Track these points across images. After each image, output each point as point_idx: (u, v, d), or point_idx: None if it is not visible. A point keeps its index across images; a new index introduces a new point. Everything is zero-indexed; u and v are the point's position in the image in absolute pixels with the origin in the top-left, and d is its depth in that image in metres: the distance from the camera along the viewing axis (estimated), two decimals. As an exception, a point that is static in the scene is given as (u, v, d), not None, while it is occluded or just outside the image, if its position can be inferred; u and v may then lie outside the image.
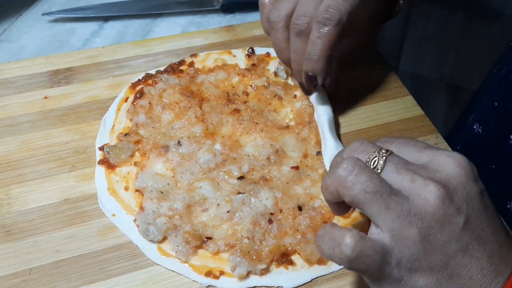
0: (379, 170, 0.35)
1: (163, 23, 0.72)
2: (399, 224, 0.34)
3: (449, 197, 0.34)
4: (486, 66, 0.84)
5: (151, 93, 0.56)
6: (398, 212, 0.34)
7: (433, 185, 0.34)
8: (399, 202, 0.34)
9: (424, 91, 1.87)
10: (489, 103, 0.71)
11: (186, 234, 0.45)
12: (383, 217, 0.34)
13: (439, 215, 0.33)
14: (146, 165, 0.51)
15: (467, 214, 0.34)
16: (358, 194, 0.34)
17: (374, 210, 0.34)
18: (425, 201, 0.34)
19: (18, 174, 0.50)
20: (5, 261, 0.44)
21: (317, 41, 0.48)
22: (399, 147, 0.38)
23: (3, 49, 0.66)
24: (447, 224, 0.34)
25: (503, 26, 2.27)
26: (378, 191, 0.34)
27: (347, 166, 0.35)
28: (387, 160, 0.36)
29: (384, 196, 0.34)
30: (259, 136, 0.54)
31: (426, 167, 0.35)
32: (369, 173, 0.34)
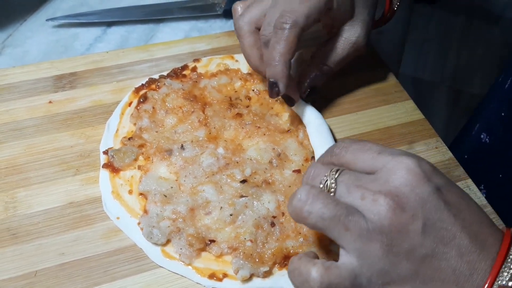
0: (332, 192, 0.36)
1: (166, 28, 0.72)
2: (361, 242, 0.34)
3: (400, 207, 0.34)
4: (487, 69, 0.84)
5: (155, 98, 0.57)
6: (357, 232, 0.34)
7: (382, 199, 0.34)
8: (356, 222, 0.34)
9: (424, 95, 1.88)
10: (496, 113, 0.71)
11: (190, 237, 0.46)
12: (345, 239, 0.35)
13: (395, 226, 0.34)
14: (150, 168, 0.51)
15: (423, 217, 0.34)
16: (316, 222, 0.35)
17: (335, 234, 0.35)
18: (378, 216, 0.34)
19: (23, 178, 0.51)
20: (11, 263, 0.45)
21: (274, 45, 0.48)
22: (353, 155, 0.38)
23: (8, 54, 0.67)
24: (405, 233, 0.34)
25: (503, 29, 2.27)
26: (335, 216, 0.35)
27: (301, 196, 0.36)
28: (338, 181, 0.36)
29: (341, 219, 0.35)
30: (261, 140, 0.54)
31: (376, 178, 0.35)
32: (323, 199, 0.35)
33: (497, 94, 0.73)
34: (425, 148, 0.56)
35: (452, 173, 0.54)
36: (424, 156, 0.55)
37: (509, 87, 0.69)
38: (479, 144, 0.73)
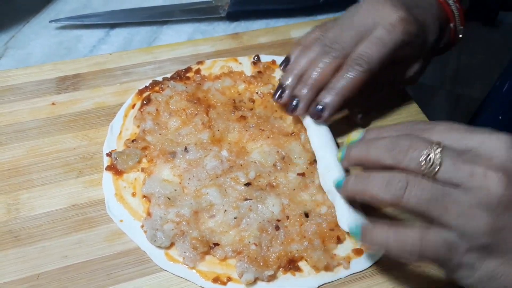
0: (436, 169, 0.36)
1: (169, 31, 0.72)
2: (462, 220, 0.35)
3: (511, 182, 0.34)
4: (487, 74, 0.84)
5: (158, 100, 0.57)
6: (458, 209, 0.35)
7: (493, 175, 0.34)
8: (456, 200, 0.35)
9: (425, 98, 1.88)
10: (494, 116, 0.71)
11: (194, 240, 0.46)
12: (445, 218, 0.35)
13: (505, 201, 0.34)
14: (153, 171, 0.51)
15: None
16: (415, 207, 0.36)
17: (434, 215, 0.36)
18: (488, 192, 0.34)
19: (26, 180, 0.51)
20: (14, 266, 0.45)
21: (342, 79, 0.50)
22: (442, 135, 0.38)
23: (11, 56, 0.67)
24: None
25: (503, 34, 2.28)
26: (432, 198, 0.35)
27: (401, 184, 0.37)
28: (443, 156, 0.36)
29: (439, 200, 0.35)
30: (265, 143, 0.54)
31: (479, 153, 0.36)
32: (420, 183, 0.36)
33: (495, 97, 0.73)
34: (429, 152, 0.56)
35: (457, 177, 0.54)
36: (428, 159, 0.55)
37: (506, 90, 0.69)
38: None
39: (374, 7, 0.52)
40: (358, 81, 0.50)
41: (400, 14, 0.50)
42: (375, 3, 0.52)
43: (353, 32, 0.51)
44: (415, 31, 0.51)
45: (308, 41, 0.55)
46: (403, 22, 0.50)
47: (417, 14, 0.52)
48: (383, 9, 0.51)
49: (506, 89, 0.69)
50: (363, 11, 0.52)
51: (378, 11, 0.51)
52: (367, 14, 0.51)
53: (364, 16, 0.52)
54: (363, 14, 0.52)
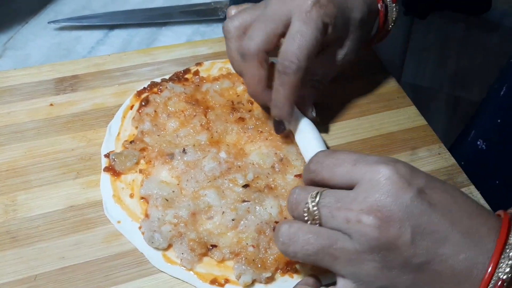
0: (317, 221, 0.36)
1: (168, 32, 0.72)
2: (353, 267, 0.34)
3: (385, 222, 0.33)
4: (486, 77, 0.84)
5: (157, 101, 0.57)
6: (346, 257, 0.34)
7: (365, 218, 0.34)
8: (343, 248, 0.34)
9: (424, 101, 1.88)
10: (492, 120, 0.71)
11: (191, 241, 0.45)
12: (336, 267, 0.35)
13: (384, 243, 0.33)
14: (151, 172, 0.51)
15: (411, 226, 0.33)
16: (304, 259, 0.36)
17: (325, 264, 0.36)
18: (365, 236, 0.34)
19: (23, 181, 0.51)
20: (11, 267, 0.44)
21: (279, 89, 0.49)
22: (329, 171, 0.38)
23: (9, 57, 0.67)
24: (395, 248, 0.33)
25: (502, 37, 2.29)
26: (319, 249, 0.35)
27: (283, 239, 0.37)
28: (320, 207, 0.36)
29: (325, 250, 0.35)
30: (264, 145, 0.54)
31: (357, 195, 0.35)
32: (303, 235, 0.36)
33: (493, 101, 0.73)
34: (427, 154, 0.56)
35: (455, 180, 0.54)
36: (426, 162, 0.55)
37: (504, 94, 0.69)
38: (476, 150, 0.73)
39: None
40: (293, 84, 0.48)
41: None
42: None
43: (264, 24, 0.48)
44: (334, 11, 0.49)
45: (225, 34, 0.52)
46: (316, 5, 0.47)
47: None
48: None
49: (504, 93, 0.69)
50: (275, 2, 0.49)
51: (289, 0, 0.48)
52: (280, 2, 0.49)
53: (276, 4, 0.49)
54: (275, 1, 0.49)
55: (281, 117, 0.51)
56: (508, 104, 0.67)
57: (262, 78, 0.50)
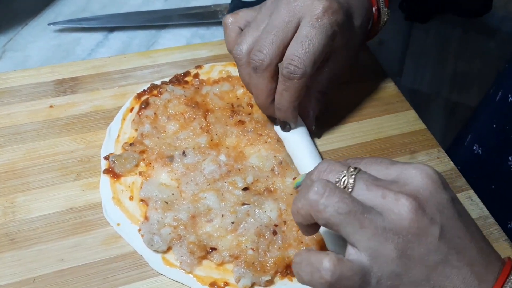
0: (350, 189, 0.35)
1: (168, 35, 0.72)
2: (376, 242, 0.34)
3: (421, 209, 0.33)
4: (484, 81, 0.85)
5: (156, 104, 0.57)
6: (373, 230, 0.34)
7: (404, 199, 0.34)
8: (372, 219, 0.34)
9: (421, 106, 1.89)
10: (488, 125, 0.72)
11: (191, 244, 0.45)
12: (359, 236, 0.34)
13: (414, 228, 0.33)
14: (151, 175, 0.51)
15: (441, 223, 0.34)
16: (331, 216, 0.34)
17: (349, 231, 0.34)
18: (399, 215, 0.33)
19: (23, 183, 0.50)
20: (10, 269, 0.44)
21: (283, 93, 0.49)
22: (366, 165, 0.38)
23: (9, 58, 0.67)
24: (423, 236, 0.33)
25: (499, 42, 2.30)
26: (351, 211, 0.34)
27: (318, 189, 0.34)
28: (357, 178, 0.35)
29: (357, 215, 0.34)
30: (263, 148, 0.54)
31: (395, 181, 0.35)
32: (340, 193, 0.34)
33: (489, 105, 0.74)
34: (427, 158, 0.56)
35: (454, 184, 0.54)
36: (426, 166, 0.55)
37: (500, 99, 0.69)
38: (472, 155, 0.73)
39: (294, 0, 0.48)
40: (297, 89, 0.48)
41: (323, 4, 0.46)
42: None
43: (272, 36, 0.48)
44: (342, 19, 0.48)
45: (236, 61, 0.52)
46: (328, 12, 0.47)
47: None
48: (304, 1, 0.47)
49: (500, 98, 0.70)
50: (282, 7, 0.48)
51: (298, 4, 0.47)
52: (287, 9, 0.48)
53: (283, 12, 0.48)
54: (282, 10, 0.48)
55: (285, 119, 0.52)
56: (504, 109, 0.67)
57: (272, 91, 0.50)
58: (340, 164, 0.37)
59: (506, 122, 0.67)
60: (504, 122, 0.68)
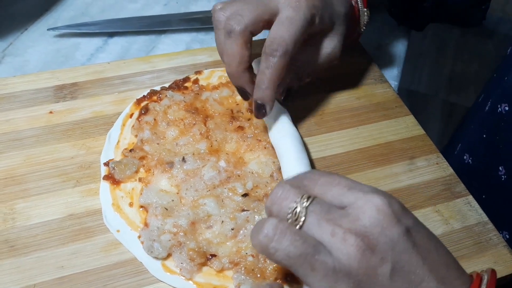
0: (301, 223, 0.35)
1: (167, 40, 0.73)
2: (327, 283, 0.33)
3: (370, 249, 0.33)
4: (480, 83, 0.85)
5: (156, 109, 0.57)
6: (324, 272, 0.33)
7: (352, 239, 0.33)
8: (323, 261, 0.33)
9: (419, 108, 1.90)
10: (477, 135, 0.72)
11: (191, 251, 0.45)
12: (311, 278, 0.34)
13: (363, 268, 0.33)
14: (151, 181, 0.51)
15: (393, 261, 0.33)
16: (282, 260, 0.34)
17: (300, 273, 0.34)
18: (347, 256, 0.33)
19: (22, 189, 0.50)
20: (9, 276, 0.44)
21: (265, 71, 0.50)
22: (322, 189, 0.37)
23: (8, 63, 0.67)
24: (373, 276, 0.33)
25: (497, 44, 2.31)
26: (301, 254, 0.33)
27: (268, 231, 0.35)
28: (308, 211, 0.35)
29: (307, 258, 0.33)
30: (262, 153, 0.54)
31: (347, 214, 0.35)
32: (290, 235, 0.34)
33: (478, 115, 0.74)
34: (426, 164, 0.56)
35: (453, 189, 0.54)
36: (425, 171, 0.56)
37: (488, 110, 0.69)
38: (462, 164, 0.73)
39: None
40: (279, 67, 0.49)
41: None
42: None
43: (253, 5, 0.50)
44: (320, 4, 0.52)
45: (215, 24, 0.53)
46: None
47: None
48: None
49: (488, 108, 0.70)
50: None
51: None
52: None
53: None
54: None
55: (263, 100, 0.51)
56: (493, 120, 0.68)
57: (244, 58, 0.51)
58: (294, 191, 0.37)
59: (496, 132, 0.67)
60: (494, 133, 0.68)
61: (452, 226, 0.51)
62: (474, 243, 0.50)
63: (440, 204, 0.53)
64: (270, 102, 0.52)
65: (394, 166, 0.56)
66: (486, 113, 0.70)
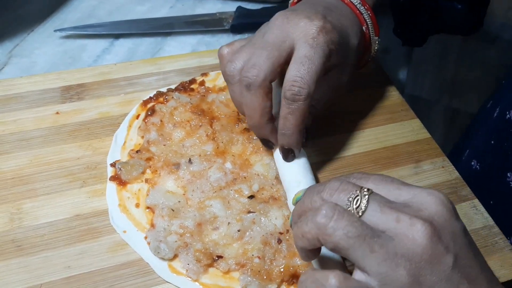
0: (363, 209, 0.34)
1: (173, 42, 0.73)
2: (386, 267, 0.33)
3: (437, 235, 0.33)
4: (483, 89, 0.85)
5: (163, 111, 0.57)
6: (383, 255, 0.33)
7: (420, 224, 0.33)
8: (383, 244, 0.33)
9: (423, 113, 1.90)
10: (485, 141, 0.72)
11: (197, 252, 0.46)
12: (369, 261, 0.33)
13: (428, 255, 0.33)
14: (157, 182, 0.51)
15: (455, 252, 0.33)
16: (340, 240, 0.33)
17: (358, 255, 0.33)
18: (413, 241, 0.33)
19: (29, 189, 0.51)
20: (16, 276, 0.44)
21: (288, 117, 0.47)
22: (376, 184, 0.37)
23: (15, 64, 0.67)
24: (436, 264, 0.33)
25: (499, 49, 2.31)
26: (361, 235, 0.33)
27: (327, 212, 0.34)
28: (370, 199, 0.34)
29: (367, 239, 0.33)
30: (266, 155, 0.54)
31: (409, 205, 0.35)
32: (349, 217, 0.34)
33: (486, 122, 0.74)
34: (432, 167, 0.56)
35: (459, 193, 0.54)
36: (431, 175, 0.56)
37: (497, 116, 0.69)
38: (470, 171, 0.73)
39: (287, 21, 0.47)
40: (303, 111, 0.46)
41: (317, 24, 0.47)
42: (287, 17, 0.48)
43: (267, 51, 0.46)
44: (337, 38, 0.48)
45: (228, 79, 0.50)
46: (322, 32, 0.47)
47: (334, 20, 0.49)
48: (298, 22, 0.47)
49: (497, 114, 0.70)
50: (276, 27, 0.48)
51: (292, 25, 0.47)
52: (281, 30, 0.47)
53: (277, 32, 0.47)
54: (275, 31, 0.47)
55: (290, 146, 0.49)
56: (502, 127, 0.68)
57: (267, 110, 0.48)
58: (353, 183, 0.36)
59: (504, 139, 0.67)
60: (502, 139, 0.68)
61: (458, 230, 0.51)
62: (480, 247, 0.49)
63: (446, 208, 0.53)
64: (298, 146, 0.49)
65: (400, 169, 0.56)
66: (494, 119, 0.70)
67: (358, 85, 0.64)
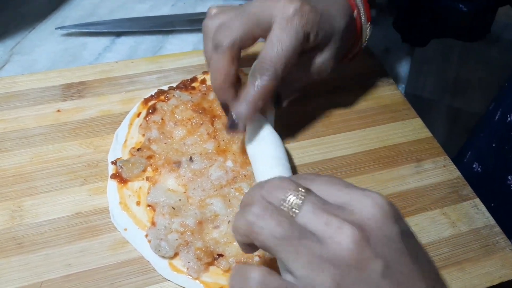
0: (295, 210, 0.33)
1: (175, 40, 0.73)
2: (310, 271, 0.31)
3: (365, 240, 0.31)
4: (486, 88, 0.85)
5: (164, 109, 0.57)
6: (308, 258, 0.31)
7: (347, 228, 0.31)
8: (310, 246, 0.32)
9: (425, 113, 1.90)
10: (487, 144, 0.71)
11: (198, 250, 0.45)
12: (293, 263, 0.32)
13: (354, 260, 0.31)
14: (158, 180, 0.51)
15: (386, 258, 0.31)
16: (266, 240, 0.33)
17: (283, 256, 0.32)
18: (339, 245, 0.31)
19: (30, 187, 0.51)
20: (17, 273, 0.44)
21: (250, 89, 0.47)
22: (319, 185, 0.36)
23: (16, 62, 0.67)
24: (363, 270, 0.31)
25: (502, 49, 2.30)
26: (288, 236, 0.32)
27: (256, 210, 0.33)
28: (305, 200, 0.33)
29: (293, 241, 0.32)
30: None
31: (343, 207, 0.33)
32: (278, 217, 0.33)
33: (488, 124, 0.74)
34: (433, 166, 0.56)
35: (460, 192, 0.54)
36: (432, 174, 0.55)
37: (499, 119, 0.69)
38: (471, 173, 0.73)
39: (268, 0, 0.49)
40: (266, 88, 0.47)
41: (295, 6, 0.47)
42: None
43: (244, 18, 0.48)
44: (317, 19, 0.49)
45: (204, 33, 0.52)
46: (299, 13, 0.47)
47: (316, 2, 0.50)
48: (277, 2, 0.48)
49: (499, 117, 0.69)
50: (258, 3, 0.49)
51: (273, 2, 0.48)
52: (261, 5, 0.49)
53: (258, 5, 0.49)
54: (258, 3, 0.49)
55: (240, 116, 0.48)
56: (503, 129, 0.67)
57: (230, 73, 0.49)
58: (292, 182, 0.35)
59: (505, 142, 0.67)
60: (503, 142, 0.67)
61: (459, 229, 0.51)
62: (481, 246, 0.50)
63: (447, 207, 0.53)
64: (244, 121, 0.49)
65: (401, 168, 0.56)
66: (496, 122, 0.69)
67: (359, 84, 0.64)
